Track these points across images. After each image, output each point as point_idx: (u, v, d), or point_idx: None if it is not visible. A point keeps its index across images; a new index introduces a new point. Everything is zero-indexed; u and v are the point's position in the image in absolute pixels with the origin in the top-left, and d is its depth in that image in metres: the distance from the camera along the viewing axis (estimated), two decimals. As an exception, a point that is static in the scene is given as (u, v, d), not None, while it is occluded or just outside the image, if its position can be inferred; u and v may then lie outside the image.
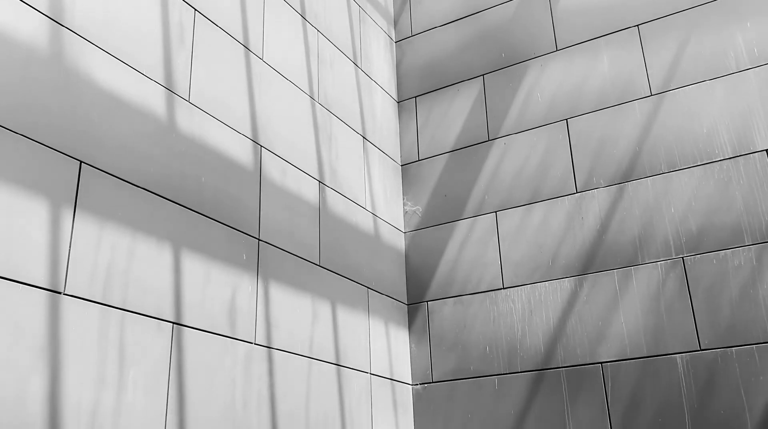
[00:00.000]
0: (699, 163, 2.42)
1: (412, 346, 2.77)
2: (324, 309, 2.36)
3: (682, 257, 2.36)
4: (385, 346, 2.64)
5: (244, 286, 2.05)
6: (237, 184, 2.12)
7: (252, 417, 1.96)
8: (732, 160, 2.37)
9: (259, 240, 2.16)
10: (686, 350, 2.27)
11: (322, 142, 2.59)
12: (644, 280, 2.40)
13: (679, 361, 2.27)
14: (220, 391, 1.88)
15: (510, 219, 2.72)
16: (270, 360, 2.08)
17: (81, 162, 1.65)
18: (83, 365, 1.54)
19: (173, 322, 1.79)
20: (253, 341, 2.03)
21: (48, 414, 1.45)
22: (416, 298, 2.83)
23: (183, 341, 1.81)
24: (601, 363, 2.39)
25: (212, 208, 2.00)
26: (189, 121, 1.99)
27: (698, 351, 2.25)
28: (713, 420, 2.17)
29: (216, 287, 1.95)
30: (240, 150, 2.17)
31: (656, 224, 2.44)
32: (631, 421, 2.28)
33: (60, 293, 1.53)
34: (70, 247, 1.58)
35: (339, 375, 2.35)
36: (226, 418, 1.88)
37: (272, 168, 2.29)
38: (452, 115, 2.99)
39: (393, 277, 2.80)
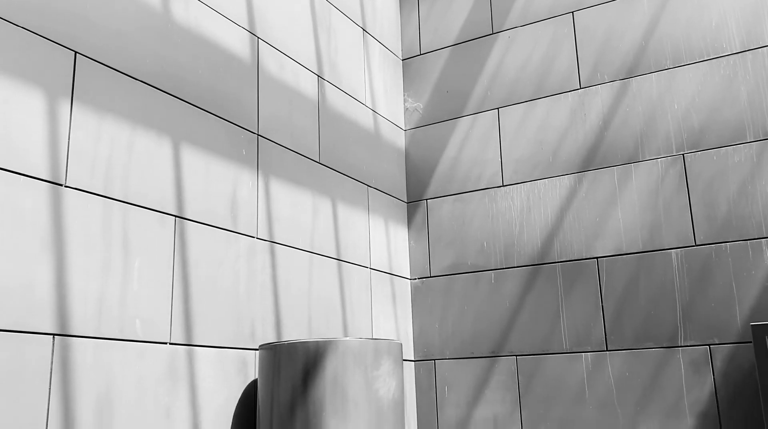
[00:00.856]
0: (705, 59, 2.37)
1: (411, 242, 2.81)
2: (324, 205, 2.38)
3: (683, 154, 2.36)
4: (385, 243, 2.68)
5: (244, 181, 2.06)
6: (235, 77, 2.09)
7: (256, 307, 2.02)
8: (739, 54, 2.32)
9: (258, 135, 2.15)
10: (681, 245, 2.30)
11: (320, 35, 2.53)
12: (644, 176, 2.41)
13: (673, 255, 2.31)
14: (225, 283, 1.93)
15: (512, 115, 2.70)
16: (272, 254, 2.12)
17: (76, 53, 1.62)
18: (88, 256, 1.57)
19: (175, 216, 1.81)
20: (255, 235, 2.06)
21: (56, 301, 1.49)
22: (416, 196, 2.85)
23: (186, 234, 1.83)
24: (597, 258, 2.43)
25: (210, 101, 1.98)
26: (185, 12, 1.94)
27: (693, 246, 2.29)
28: (703, 312, 2.23)
29: (216, 182, 1.96)
30: (237, 42, 2.12)
31: (658, 121, 2.42)
32: (624, 314, 2.35)
33: (61, 185, 1.54)
34: (69, 139, 1.57)
35: (339, 269, 2.40)
36: (230, 307, 1.93)
37: (270, 61, 2.25)
38: (456, 8, 2.91)
39: (393, 175, 2.81)
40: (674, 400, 2.22)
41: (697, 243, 2.28)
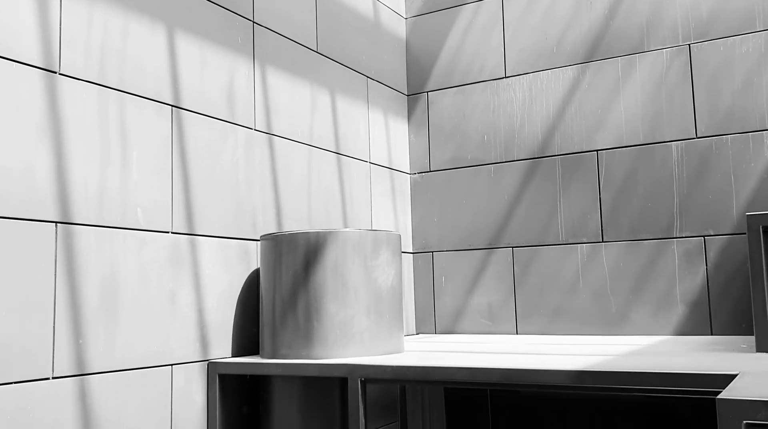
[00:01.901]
0: (719, -58, 2.28)
1: (411, 136, 2.80)
2: (323, 97, 2.35)
3: (689, 44, 2.30)
4: (384, 136, 2.67)
5: (241, 71, 2.02)
6: (229, -39, 2.01)
7: (256, 198, 2.04)
8: (755, -62, 2.22)
9: (254, 23, 2.09)
10: (682, 138, 2.29)
11: None
12: (648, 67, 2.36)
13: (674, 148, 2.31)
14: (224, 174, 1.93)
15: (516, 3, 2.62)
16: (271, 146, 2.11)
17: (61, -68, 1.55)
18: (86, 145, 1.57)
19: (172, 105, 1.79)
20: (253, 127, 2.05)
21: (56, 189, 1.50)
22: (416, 88, 2.80)
23: (183, 124, 1.82)
24: (597, 150, 2.43)
25: (204, -13, 1.92)
26: None
27: (694, 138, 2.28)
28: (700, 204, 2.25)
29: (213, 71, 1.93)
30: (230, -77, 2.03)
31: (666, 9, 2.35)
32: (621, 206, 2.37)
33: (55, 73, 1.52)
34: (60, 25, 1.53)
35: (339, 163, 2.40)
36: (231, 198, 1.95)
37: (265, -55, 2.16)
38: None
39: (393, 66, 2.76)
40: (666, 289, 2.28)
41: (698, 135, 2.27)
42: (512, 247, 2.55)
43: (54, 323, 1.46)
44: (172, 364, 1.72)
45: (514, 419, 2.56)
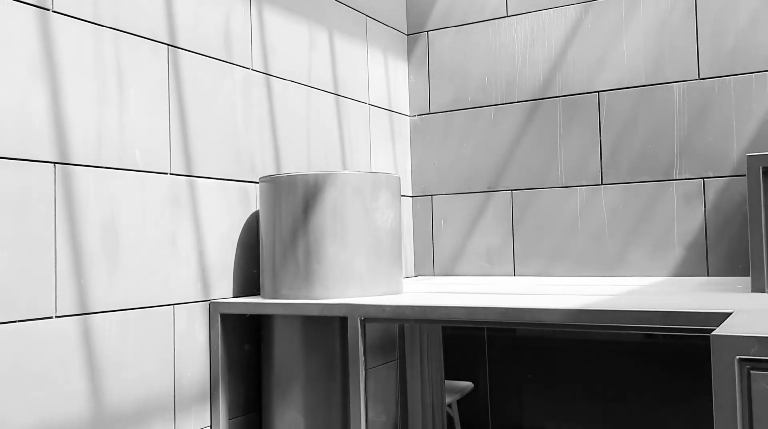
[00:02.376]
0: None
1: (411, 77, 2.76)
2: (321, 37, 2.32)
3: (695, -18, 2.26)
4: (384, 78, 2.64)
5: (237, 9, 1.98)
6: None
7: (254, 140, 2.02)
8: None
9: (250, -40, 2.04)
10: (684, 79, 2.27)
11: None
12: (651, 6, 2.32)
13: (676, 89, 2.28)
14: (221, 115, 1.92)
15: (517, -59, 2.55)
16: (268, 86, 2.09)
17: None
18: (82, 85, 1.55)
19: (168, 44, 1.77)
20: (250, 67, 2.02)
21: (53, 129, 1.49)
22: (416, 27, 2.76)
23: (179, 64, 1.80)
24: (598, 92, 2.40)
25: None
26: None
27: (696, 80, 2.25)
28: (700, 145, 2.24)
29: (208, 9, 1.89)
30: None
31: (673, -54, 2.29)
32: (621, 148, 2.36)
33: (48, 10, 1.49)
34: (50, -40, 1.50)
35: (338, 104, 2.38)
36: (229, 140, 1.94)
37: None
38: None
39: (393, 4, 2.70)
40: (664, 231, 2.29)
41: (701, 77, 2.24)
42: (511, 190, 2.55)
43: (55, 263, 1.47)
44: (173, 304, 1.74)
45: (510, 361, 2.61)
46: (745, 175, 2.16)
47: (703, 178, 2.24)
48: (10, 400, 1.38)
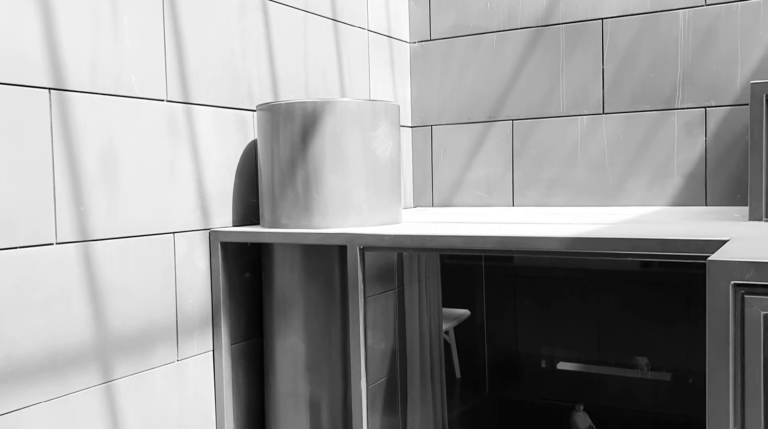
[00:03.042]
0: None
1: (411, 3, 2.70)
2: (319, -40, 2.25)
3: None
4: (384, 2, 2.58)
5: (232, -70, 1.92)
6: None
7: (251, 67, 1.99)
8: None
9: None
10: (690, 5, 2.22)
11: None
12: (660, -72, 2.25)
13: (680, 15, 2.23)
14: (218, 41, 1.88)
15: None
16: (264, 11, 2.04)
17: None
18: (76, 10, 1.51)
19: (161, -33, 1.72)
20: (246, -9, 1.97)
21: (47, 55, 1.46)
22: (416, -49, 2.68)
23: (174, -13, 1.75)
24: (602, 19, 2.35)
25: None
26: None
27: (702, 6, 2.20)
28: (704, 75, 2.21)
29: (202, -70, 1.83)
30: None
31: None
32: (623, 77, 2.33)
33: (36, -71, 1.44)
34: None
35: (336, 30, 2.33)
36: (225, 67, 1.90)
37: None
38: None
39: (392, -73, 2.62)
40: (664, 161, 2.29)
41: (707, 3, 2.19)
42: (512, 120, 2.53)
43: (54, 190, 1.47)
44: (173, 232, 1.75)
45: (507, 290, 2.65)
46: (747, 105, 2.14)
47: (705, 108, 2.22)
48: (15, 324, 1.40)
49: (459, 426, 2.41)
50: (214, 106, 1.87)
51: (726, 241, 1.33)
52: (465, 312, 2.66)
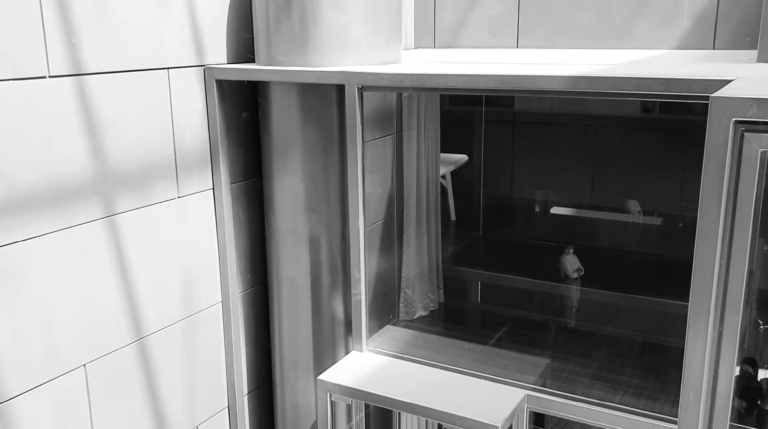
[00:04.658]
0: None
1: None
2: None
3: None
4: None
5: None
6: None
7: None
8: None
9: None
10: None
11: None
12: None
13: None
14: None
15: None
16: None
17: None
18: None
19: None
20: None
21: None
22: None
23: None
24: None
25: None
26: None
27: None
28: None
29: None
30: None
31: None
32: None
33: None
34: None
35: None
36: None
37: None
38: None
39: None
40: (674, 1, 2.20)
41: None
42: (518, -44, 2.39)
43: (42, 21, 1.42)
44: (168, 68, 1.71)
45: (506, 136, 2.64)
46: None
47: (723, -57, 2.10)
48: (14, 158, 1.41)
49: (452, 264, 2.49)
50: (205, -67, 1.77)
51: (731, 81, 1.31)
52: (463, 157, 2.67)
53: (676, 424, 1.35)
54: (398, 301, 2.25)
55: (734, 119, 1.07)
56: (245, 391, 2.06)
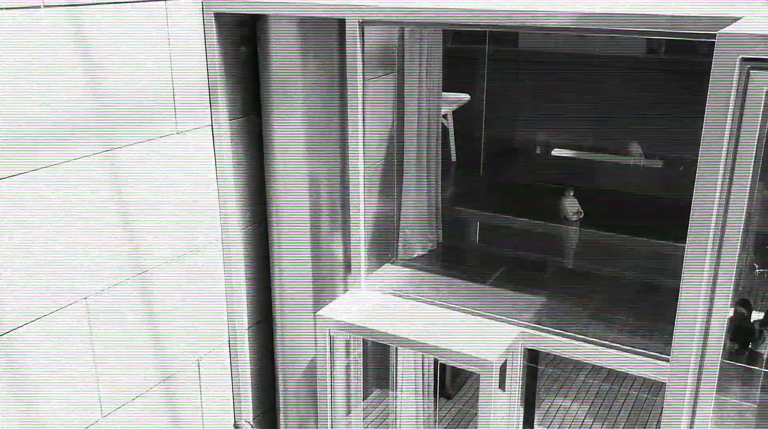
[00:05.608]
0: None
1: None
2: None
3: None
4: None
5: None
6: None
7: None
8: None
9: None
10: None
11: None
12: None
13: None
14: None
15: None
16: None
17: None
18: None
19: None
20: None
21: None
22: None
23: None
24: None
25: None
26: None
27: None
28: None
29: None
30: None
31: None
32: None
33: None
34: None
35: None
36: None
37: None
38: None
39: None
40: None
41: None
42: None
43: (35, -53, 1.38)
44: (166, 0, 1.68)
45: (509, 76, 2.60)
46: None
47: None
48: (15, 92, 1.39)
49: (451, 205, 2.49)
50: None
51: (739, 19, 1.28)
52: (465, 96, 2.64)
53: (668, 362, 1.37)
54: (397, 240, 2.26)
55: (741, 56, 1.05)
56: (245, 326, 2.10)
